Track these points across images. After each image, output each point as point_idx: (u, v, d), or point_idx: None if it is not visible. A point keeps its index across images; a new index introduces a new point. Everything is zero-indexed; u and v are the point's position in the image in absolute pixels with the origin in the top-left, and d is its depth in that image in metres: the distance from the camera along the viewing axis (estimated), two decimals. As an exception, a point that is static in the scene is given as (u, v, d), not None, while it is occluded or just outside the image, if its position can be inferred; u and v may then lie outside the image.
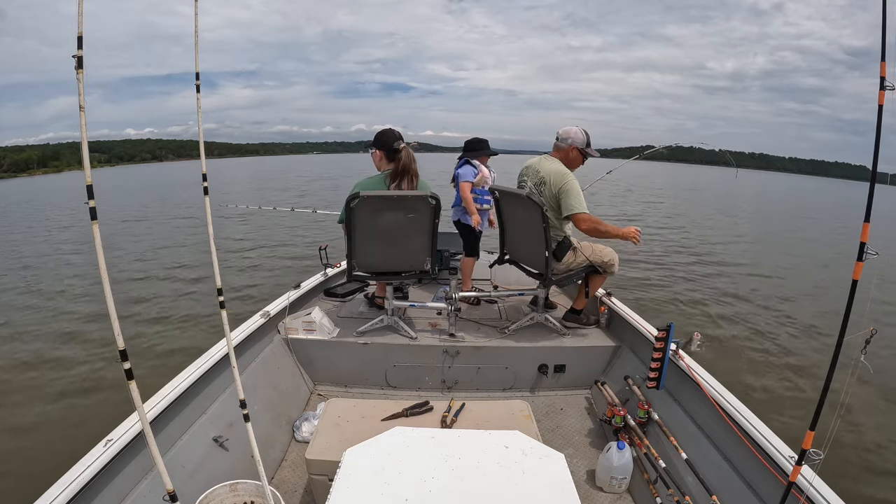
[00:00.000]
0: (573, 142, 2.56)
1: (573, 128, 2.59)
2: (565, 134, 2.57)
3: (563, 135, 2.57)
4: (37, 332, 4.87)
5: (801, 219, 17.91)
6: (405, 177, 2.46)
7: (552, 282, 2.58)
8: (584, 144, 2.57)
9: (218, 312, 1.31)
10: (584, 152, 2.59)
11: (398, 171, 2.46)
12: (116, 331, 0.96)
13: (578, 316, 2.76)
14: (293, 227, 10.60)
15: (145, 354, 4.17)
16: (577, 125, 2.61)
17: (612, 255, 2.61)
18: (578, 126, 2.61)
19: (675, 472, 1.74)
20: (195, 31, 1.22)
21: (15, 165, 74.75)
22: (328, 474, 1.36)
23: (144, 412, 1.07)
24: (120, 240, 9.61)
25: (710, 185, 31.05)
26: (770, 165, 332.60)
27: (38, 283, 6.68)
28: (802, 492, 1.26)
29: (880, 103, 1.04)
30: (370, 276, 2.54)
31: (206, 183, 1.36)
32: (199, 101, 1.31)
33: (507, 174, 3.08)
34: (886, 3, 0.99)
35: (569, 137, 2.56)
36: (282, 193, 19.70)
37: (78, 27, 0.90)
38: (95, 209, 0.94)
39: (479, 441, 1.24)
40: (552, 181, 2.49)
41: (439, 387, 2.56)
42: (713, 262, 8.43)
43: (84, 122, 0.90)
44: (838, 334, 1.13)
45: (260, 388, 2.18)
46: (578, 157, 2.59)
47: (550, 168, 2.52)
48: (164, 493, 1.02)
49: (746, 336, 5.00)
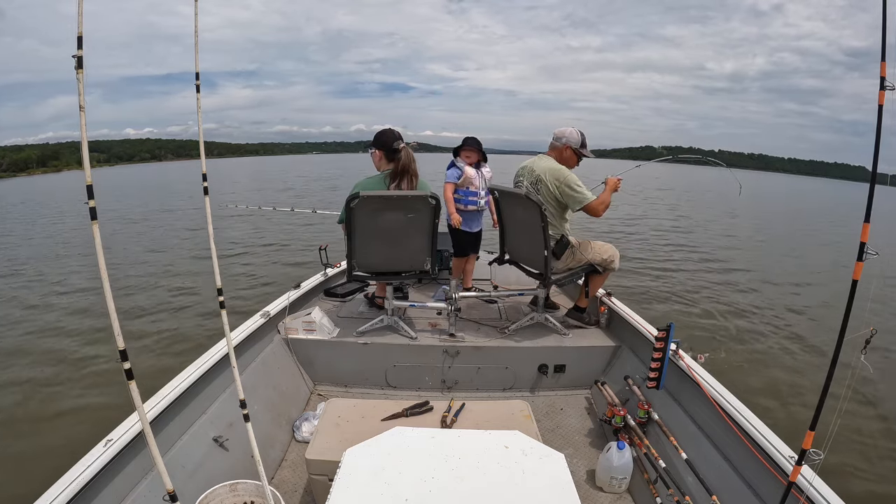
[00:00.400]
0: (567, 141, 2.58)
1: (568, 128, 2.61)
2: (560, 133, 2.60)
3: (558, 134, 2.60)
4: (35, 332, 4.87)
5: (800, 218, 17.93)
6: (405, 177, 2.47)
7: (552, 282, 2.58)
8: (578, 144, 2.58)
9: (218, 313, 1.31)
10: (579, 152, 2.61)
11: (398, 171, 2.47)
12: (116, 331, 0.96)
13: (581, 314, 2.76)
14: (293, 229, 10.60)
15: (144, 355, 4.16)
16: (573, 126, 2.63)
17: (611, 251, 2.60)
18: (574, 127, 2.63)
19: (675, 472, 1.74)
20: (195, 31, 1.22)
21: (14, 165, 74.73)
22: (328, 474, 1.36)
23: (144, 412, 1.07)
24: (120, 239, 9.62)
25: (711, 185, 31.05)
26: (769, 166, 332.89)
27: (38, 287, 6.66)
28: (802, 492, 1.26)
29: (880, 103, 1.04)
30: (370, 276, 2.54)
31: (206, 183, 1.36)
32: (199, 101, 1.31)
33: (507, 174, 3.07)
34: (886, 3, 0.99)
35: (563, 137, 2.58)
36: (281, 194, 19.68)
37: (78, 27, 0.90)
38: (95, 209, 0.94)
39: (479, 441, 1.24)
40: (548, 178, 2.49)
41: (439, 387, 2.56)
42: (712, 261, 8.43)
43: (84, 121, 0.90)
44: (838, 334, 1.13)
45: (260, 388, 2.18)
46: (573, 157, 2.61)
47: (545, 166, 2.53)
48: (164, 493, 1.02)
49: (746, 335, 5.00)
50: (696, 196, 23.58)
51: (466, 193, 2.96)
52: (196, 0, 1.22)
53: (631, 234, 10.78)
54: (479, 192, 2.97)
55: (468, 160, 2.96)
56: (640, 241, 9.98)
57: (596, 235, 2.96)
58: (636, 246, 9.40)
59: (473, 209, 2.99)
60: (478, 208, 3.00)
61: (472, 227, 3.06)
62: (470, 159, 2.96)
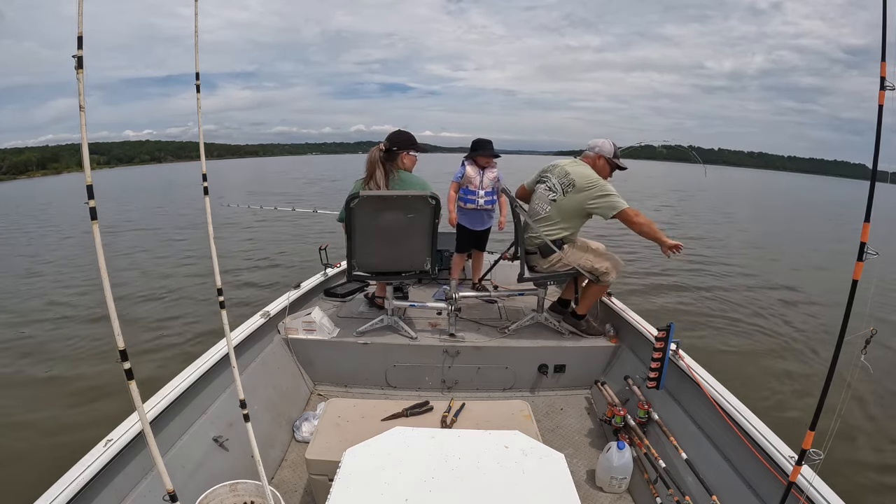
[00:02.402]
0: (600, 150, 2.59)
1: (602, 139, 2.64)
2: (593, 143, 2.63)
3: (592, 144, 2.63)
4: (37, 331, 4.87)
5: (800, 218, 17.92)
6: (370, 179, 2.48)
7: (526, 278, 2.64)
8: (611, 154, 2.59)
9: (218, 312, 1.31)
10: (612, 163, 2.61)
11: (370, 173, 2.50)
12: (116, 331, 0.96)
13: (578, 322, 2.68)
14: (293, 229, 10.60)
15: (145, 354, 4.16)
16: (608, 138, 2.65)
17: (608, 263, 2.51)
18: (608, 139, 2.64)
19: (675, 472, 1.74)
20: (195, 32, 1.23)
21: (14, 167, 74.70)
22: (328, 474, 1.36)
23: (144, 412, 1.07)
24: (121, 239, 9.62)
25: (711, 185, 31.08)
26: (769, 164, 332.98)
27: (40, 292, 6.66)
28: (802, 492, 1.26)
29: (880, 103, 1.04)
30: (370, 276, 2.53)
31: (206, 183, 1.37)
32: (199, 102, 1.31)
33: (507, 174, 3.07)
34: (886, 2, 0.99)
35: (596, 146, 2.60)
36: (279, 197, 19.63)
37: (78, 27, 0.90)
38: (95, 209, 0.94)
39: (479, 441, 1.24)
40: (579, 184, 2.47)
41: (439, 387, 2.56)
42: (711, 260, 8.43)
43: (84, 122, 0.90)
44: (838, 334, 1.13)
45: (260, 388, 2.18)
46: (605, 167, 2.60)
47: (581, 171, 2.52)
48: (164, 493, 1.02)
49: (747, 336, 5.00)
50: (691, 196, 23.55)
51: (466, 192, 2.98)
52: (196, 1, 1.22)
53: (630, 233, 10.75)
54: (477, 192, 2.98)
55: (486, 164, 2.99)
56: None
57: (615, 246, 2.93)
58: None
59: (472, 207, 3.01)
60: (476, 207, 3.01)
61: (474, 225, 3.07)
62: (482, 163, 2.99)
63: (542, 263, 2.59)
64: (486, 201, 3.01)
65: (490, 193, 2.98)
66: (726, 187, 34.30)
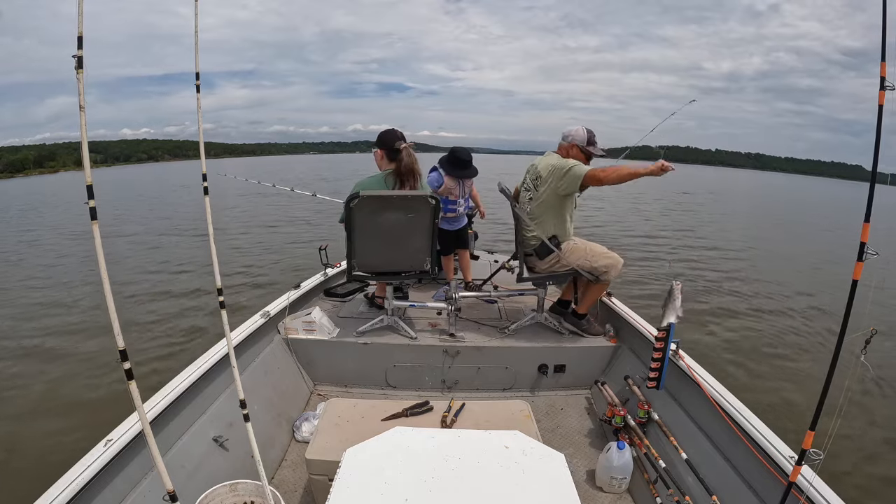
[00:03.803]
0: (573, 139, 2.53)
1: (575, 126, 2.57)
2: (566, 132, 2.57)
3: (566, 133, 2.58)
4: (36, 332, 4.86)
5: (801, 218, 17.94)
6: (408, 177, 2.42)
7: (524, 279, 2.66)
8: (584, 142, 2.52)
9: (218, 312, 1.31)
10: (586, 150, 2.54)
11: (401, 171, 2.41)
12: (116, 331, 0.96)
13: (579, 321, 2.68)
14: (291, 229, 10.58)
15: (144, 354, 4.15)
16: (581, 124, 2.60)
17: (608, 261, 2.46)
18: (582, 125, 2.58)
19: (675, 472, 1.74)
20: (195, 31, 1.22)
21: (11, 165, 74.38)
22: (328, 474, 1.35)
23: (144, 412, 1.07)
24: (120, 240, 9.60)
25: (711, 185, 31.10)
26: (766, 165, 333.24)
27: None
28: (802, 492, 1.26)
29: (880, 103, 1.04)
30: (370, 276, 2.53)
31: (206, 183, 1.36)
32: (199, 101, 1.31)
33: (507, 174, 3.09)
34: (886, 3, 0.99)
35: (569, 135, 2.55)
36: (276, 198, 19.51)
37: (78, 27, 0.89)
38: (95, 209, 0.94)
39: (479, 441, 1.24)
40: (544, 174, 2.46)
41: (439, 387, 2.56)
42: (711, 260, 8.44)
43: (84, 121, 0.89)
44: (838, 334, 1.13)
45: (260, 388, 2.18)
46: (580, 156, 2.53)
47: (546, 162, 2.51)
48: (164, 493, 1.02)
49: (746, 335, 5.01)
50: (691, 197, 23.55)
51: (446, 202, 3.01)
52: (196, 1, 1.22)
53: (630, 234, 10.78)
54: (458, 201, 3.10)
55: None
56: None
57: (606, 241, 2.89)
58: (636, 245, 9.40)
59: (452, 216, 3.11)
60: (456, 215, 3.13)
61: (452, 226, 3.17)
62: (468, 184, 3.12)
63: (540, 265, 2.58)
64: (465, 208, 3.12)
65: (468, 199, 3.13)
66: (725, 186, 34.29)
